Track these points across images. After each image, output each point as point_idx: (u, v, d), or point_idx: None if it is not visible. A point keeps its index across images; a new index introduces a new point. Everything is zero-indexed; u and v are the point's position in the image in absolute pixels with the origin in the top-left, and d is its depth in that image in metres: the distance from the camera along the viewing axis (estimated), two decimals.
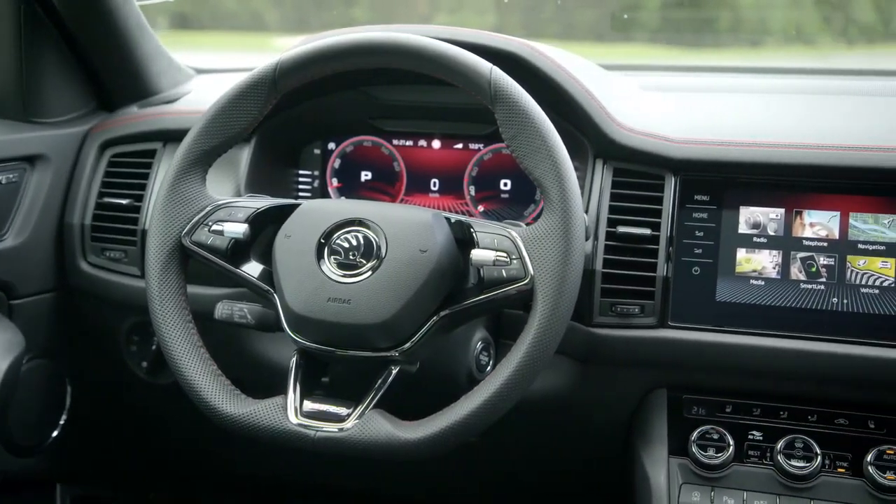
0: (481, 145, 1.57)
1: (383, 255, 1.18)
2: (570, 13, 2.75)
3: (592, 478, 1.59)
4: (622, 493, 1.45)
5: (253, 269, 1.27)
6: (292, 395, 1.19)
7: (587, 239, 1.37)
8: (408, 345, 1.17)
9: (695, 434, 1.36)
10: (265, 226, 1.28)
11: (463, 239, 1.21)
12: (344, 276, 1.18)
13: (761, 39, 2.97)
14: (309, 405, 1.19)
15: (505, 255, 1.16)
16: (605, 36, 2.68)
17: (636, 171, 1.41)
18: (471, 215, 1.56)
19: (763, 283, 1.35)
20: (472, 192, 1.58)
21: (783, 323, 1.33)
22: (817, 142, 1.37)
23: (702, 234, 1.38)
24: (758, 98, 1.66)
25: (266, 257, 1.26)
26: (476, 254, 1.17)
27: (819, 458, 1.31)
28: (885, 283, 1.31)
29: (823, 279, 1.33)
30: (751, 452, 1.35)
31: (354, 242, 1.20)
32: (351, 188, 1.63)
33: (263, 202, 1.29)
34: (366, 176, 1.63)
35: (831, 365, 1.31)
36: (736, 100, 1.65)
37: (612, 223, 1.39)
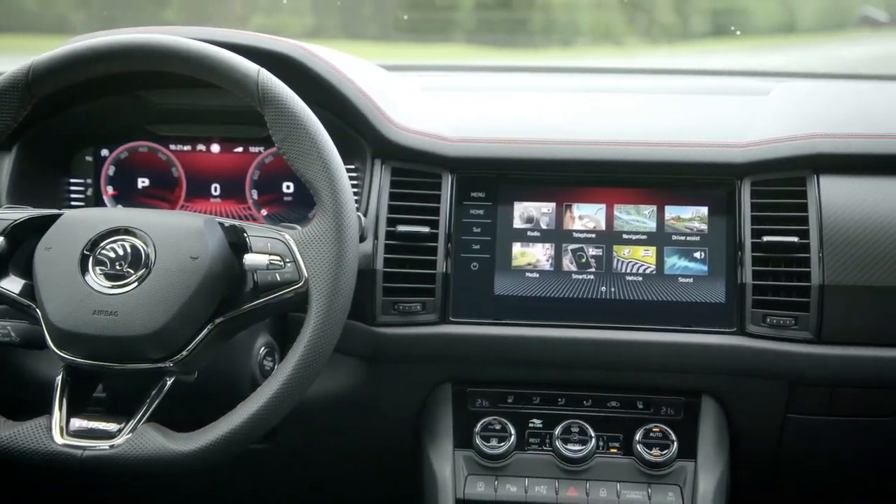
0: (262, 148, 1.55)
1: (152, 263, 1.15)
2: (389, 14, 2.76)
3: (385, 476, 1.60)
4: (413, 487, 1.47)
5: (12, 284, 1.21)
6: (58, 414, 1.15)
7: (364, 239, 1.38)
8: (182, 354, 1.15)
9: (478, 426, 1.39)
10: (25, 238, 1.22)
11: (237, 244, 1.20)
12: (111, 287, 1.15)
13: (572, 39, 3.09)
14: (78, 423, 1.15)
15: (279, 258, 1.16)
16: (423, 36, 2.72)
17: (413, 171, 1.43)
18: (254, 220, 1.55)
19: (538, 275, 1.40)
20: (255, 196, 1.56)
21: (557, 313, 1.39)
22: (588, 138, 1.43)
23: (479, 230, 1.41)
24: (548, 96, 1.72)
25: (27, 271, 1.20)
26: (249, 258, 1.16)
27: (593, 440, 1.38)
28: (648, 271, 1.39)
29: (593, 269, 1.40)
30: (531, 440, 1.40)
31: (121, 252, 1.16)
32: (127, 196, 1.57)
33: (21, 213, 1.23)
34: (143, 183, 1.57)
35: (601, 351, 1.37)
36: (526, 99, 1.70)
37: (391, 222, 1.40)
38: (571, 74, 2.00)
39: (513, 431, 1.39)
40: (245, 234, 1.19)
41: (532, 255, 1.41)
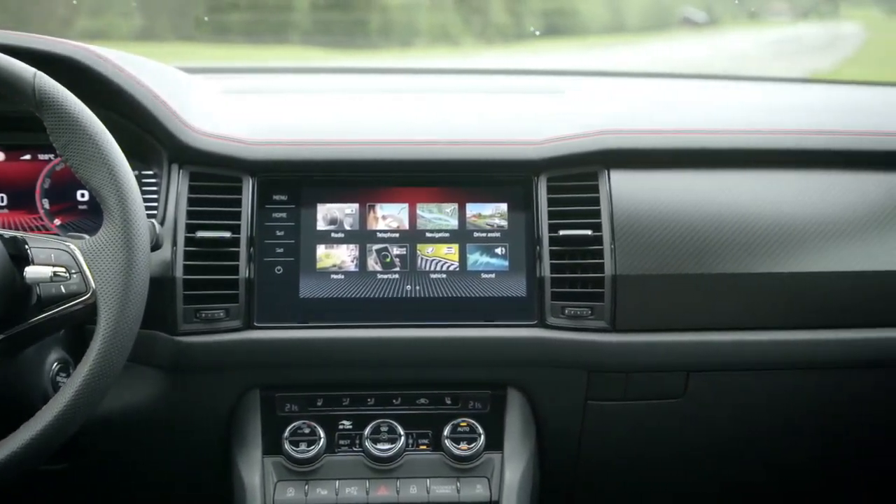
0: (52, 155, 1.48)
1: None
2: (222, 16, 2.70)
3: (197, 488, 1.56)
4: (225, 495, 1.44)
5: None
6: None
7: (160, 246, 1.34)
8: None
9: (287, 431, 1.38)
10: None
11: (19, 256, 1.14)
12: None
13: (410, 40, 3.10)
14: None
15: (64, 269, 1.12)
16: (259, 38, 2.67)
17: (212, 175, 1.40)
18: (46, 230, 1.48)
19: (343, 276, 1.40)
20: (47, 206, 1.49)
21: (363, 314, 1.39)
22: (388, 138, 1.44)
23: (282, 233, 1.40)
24: (360, 98, 1.71)
25: None
26: (30, 271, 1.11)
27: (403, 438, 1.39)
28: (451, 268, 1.40)
29: (397, 269, 1.40)
30: (341, 442, 1.40)
31: None
32: None
33: None
34: None
35: (408, 350, 1.38)
36: (338, 100, 1.69)
37: (191, 228, 1.37)
38: (397, 75, 2.01)
39: (322, 434, 1.38)
40: (26, 246, 1.14)
41: (337, 257, 1.40)
